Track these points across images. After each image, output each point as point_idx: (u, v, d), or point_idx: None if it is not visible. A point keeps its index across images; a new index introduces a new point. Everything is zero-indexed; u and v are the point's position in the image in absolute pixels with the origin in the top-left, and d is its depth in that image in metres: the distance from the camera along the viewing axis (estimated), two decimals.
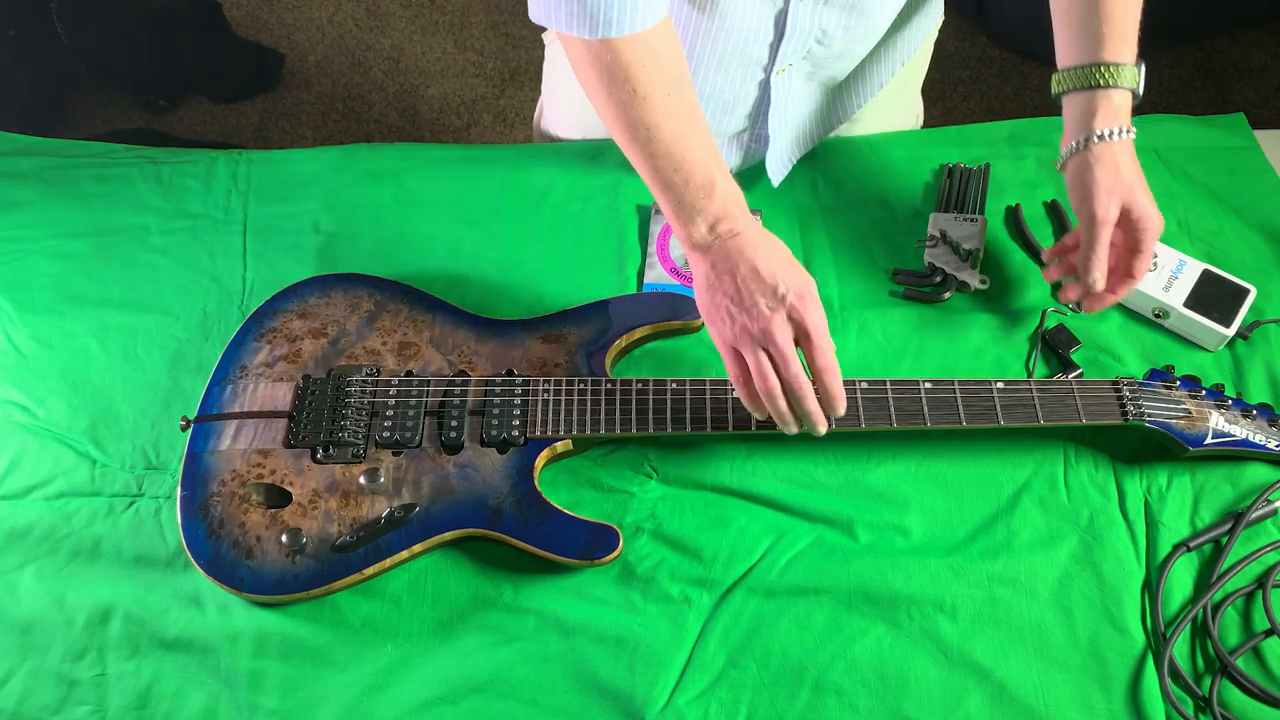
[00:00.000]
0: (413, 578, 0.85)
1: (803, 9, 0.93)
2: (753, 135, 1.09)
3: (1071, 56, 0.92)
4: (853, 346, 0.98)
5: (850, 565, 0.85)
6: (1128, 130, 0.89)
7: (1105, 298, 0.92)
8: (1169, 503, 0.88)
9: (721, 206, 0.82)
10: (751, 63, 0.99)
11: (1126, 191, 0.89)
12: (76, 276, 1.03)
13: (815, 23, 0.95)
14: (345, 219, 1.08)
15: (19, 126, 1.18)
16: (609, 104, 0.83)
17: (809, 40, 0.97)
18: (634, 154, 0.84)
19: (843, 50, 1.01)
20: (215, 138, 2.29)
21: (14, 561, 0.86)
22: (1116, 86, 0.89)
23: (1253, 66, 2.31)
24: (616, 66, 0.80)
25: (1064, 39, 0.93)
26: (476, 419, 0.87)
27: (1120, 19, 0.89)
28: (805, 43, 0.98)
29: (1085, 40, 0.90)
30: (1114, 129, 0.89)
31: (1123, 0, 0.89)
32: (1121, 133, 0.89)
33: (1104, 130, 0.89)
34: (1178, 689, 0.79)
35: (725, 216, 0.82)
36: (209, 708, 0.79)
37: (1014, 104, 2.27)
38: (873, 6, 0.97)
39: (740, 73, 1.00)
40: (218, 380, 0.91)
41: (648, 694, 0.79)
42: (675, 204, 0.83)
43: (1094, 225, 0.89)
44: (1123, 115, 0.90)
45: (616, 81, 0.81)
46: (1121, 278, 0.92)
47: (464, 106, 2.35)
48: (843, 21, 0.97)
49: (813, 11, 0.94)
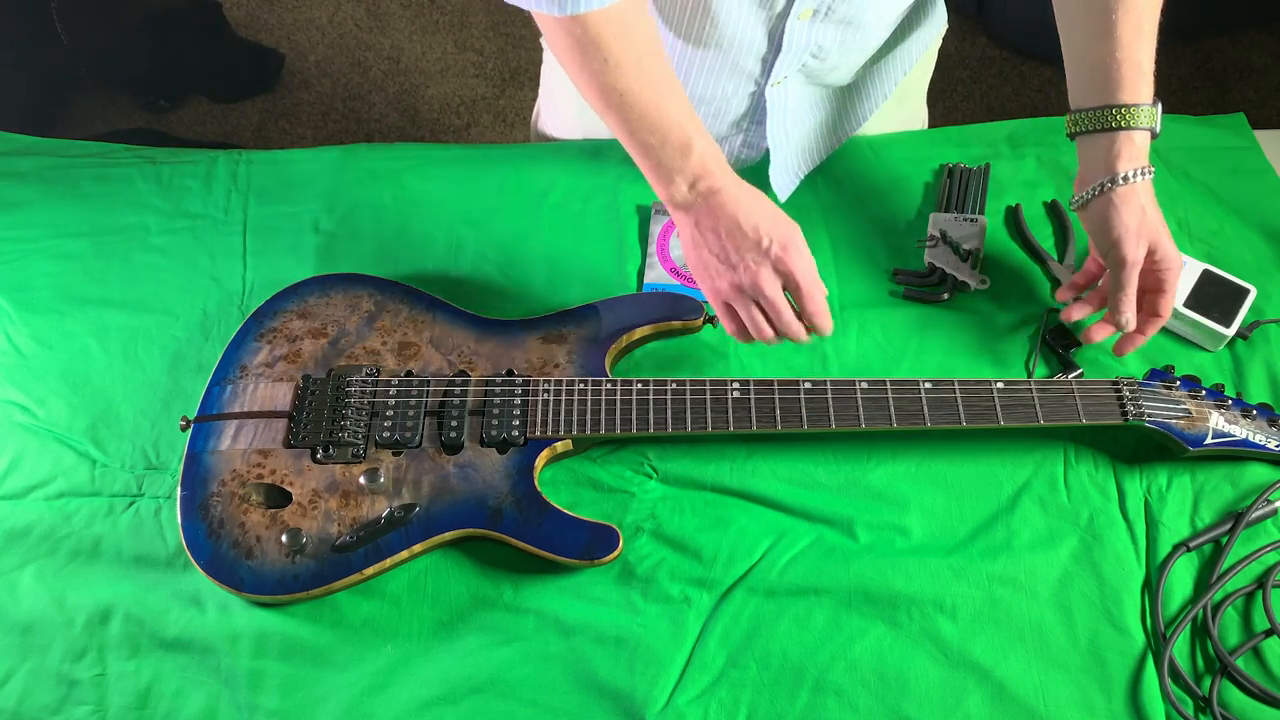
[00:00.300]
0: (413, 578, 0.85)
1: (799, 25, 0.93)
2: (745, 143, 1.09)
3: (1087, 97, 0.91)
4: (853, 346, 0.98)
5: (850, 565, 0.85)
6: (1148, 170, 0.89)
7: (1135, 338, 0.92)
8: (1169, 503, 0.88)
9: (700, 164, 0.84)
10: (743, 75, 0.99)
11: (1152, 233, 0.89)
12: (76, 276, 1.03)
13: (811, 38, 0.95)
14: (345, 219, 1.08)
15: (19, 126, 1.18)
16: (582, 74, 0.84)
17: (804, 55, 0.98)
18: (610, 120, 0.86)
19: (837, 64, 1.02)
20: (215, 138, 2.29)
21: (14, 561, 0.86)
22: (1136, 128, 0.88)
23: (1253, 66, 2.31)
24: (587, 39, 0.81)
25: (1078, 78, 0.92)
26: (476, 419, 0.87)
27: (1135, 57, 0.88)
28: (801, 57, 0.98)
29: (1101, 81, 0.89)
30: (1136, 170, 0.88)
31: (1136, 36, 0.87)
32: (1143, 173, 0.89)
33: (1127, 172, 0.88)
34: (1178, 689, 0.79)
35: (704, 174, 0.84)
36: (209, 708, 0.79)
37: (1014, 104, 2.27)
38: (869, 21, 0.97)
39: (731, 83, 1.00)
40: (218, 380, 0.91)
41: (648, 694, 0.79)
42: (654, 166, 0.85)
43: (1124, 268, 0.89)
44: (1143, 155, 0.89)
45: (588, 52, 0.82)
46: (1148, 317, 0.91)
47: (464, 106, 2.35)
48: (839, 37, 0.97)
49: (809, 28, 0.94)
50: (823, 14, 0.93)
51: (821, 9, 0.92)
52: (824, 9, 0.92)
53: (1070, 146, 0.95)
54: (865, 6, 0.94)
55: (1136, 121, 0.88)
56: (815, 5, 0.91)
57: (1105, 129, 0.89)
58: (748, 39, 0.94)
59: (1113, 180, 0.88)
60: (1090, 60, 0.90)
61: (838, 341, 0.98)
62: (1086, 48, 0.90)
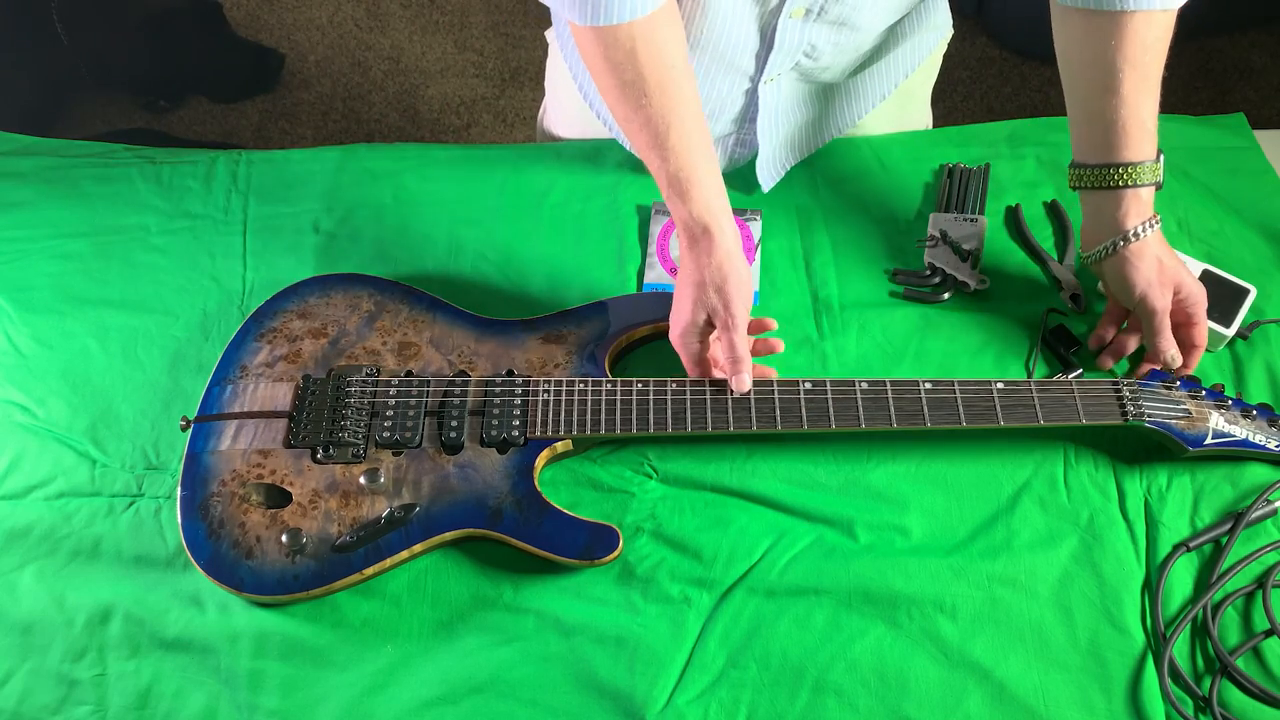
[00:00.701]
0: (413, 578, 0.85)
1: (791, 24, 0.93)
2: (738, 140, 1.09)
3: (1091, 153, 0.91)
4: (853, 346, 0.98)
5: (850, 565, 0.85)
6: (1155, 220, 0.90)
7: (1181, 371, 0.93)
8: (1169, 503, 0.88)
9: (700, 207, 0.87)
10: (738, 72, 0.99)
11: (1173, 277, 0.90)
12: (76, 276, 1.03)
13: (804, 37, 0.96)
14: (345, 219, 1.08)
15: (19, 126, 1.18)
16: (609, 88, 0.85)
17: (797, 54, 0.98)
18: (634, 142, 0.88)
19: (831, 63, 1.02)
20: (215, 138, 2.29)
21: (14, 561, 0.86)
22: (1140, 185, 0.89)
23: (1253, 66, 2.31)
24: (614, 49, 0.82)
25: (1081, 134, 0.93)
26: (476, 419, 0.87)
27: (1140, 115, 0.88)
28: (793, 56, 0.98)
29: (1104, 138, 0.89)
30: (1144, 225, 0.89)
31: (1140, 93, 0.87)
32: (1151, 224, 0.90)
33: (1136, 229, 0.89)
34: (1178, 689, 0.79)
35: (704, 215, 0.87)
36: (209, 708, 0.79)
37: (1014, 104, 2.27)
38: (862, 22, 0.97)
39: (727, 81, 1.00)
40: (218, 380, 0.91)
41: (648, 694, 0.79)
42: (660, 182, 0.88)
43: (1155, 317, 0.90)
44: (1148, 207, 0.90)
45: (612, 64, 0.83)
46: (1188, 349, 0.93)
47: (464, 106, 2.34)
48: (832, 37, 0.97)
49: (801, 27, 0.94)
50: (815, 13, 0.93)
51: (814, 8, 0.92)
52: (817, 8, 0.92)
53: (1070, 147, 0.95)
54: (859, 8, 0.94)
55: (1140, 179, 0.89)
56: (808, 4, 0.91)
57: (1109, 186, 0.90)
58: (740, 35, 0.94)
59: (1124, 238, 0.90)
60: (1094, 117, 0.90)
61: (838, 341, 0.98)
62: (1090, 104, 0.90)
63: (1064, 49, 0.92)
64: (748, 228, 1.05)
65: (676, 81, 0.85)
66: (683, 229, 0.87)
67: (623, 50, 0.82)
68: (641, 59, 0.82)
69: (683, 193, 0.86)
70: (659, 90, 0.84)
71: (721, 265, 0.85)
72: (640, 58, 0.82)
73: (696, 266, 0.86)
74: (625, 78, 0.83)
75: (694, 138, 0.86)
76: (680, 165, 0.85)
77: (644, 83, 0.83)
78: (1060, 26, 0.91)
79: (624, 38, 0.81)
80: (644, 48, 0.82)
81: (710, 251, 0.85)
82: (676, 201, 0.87)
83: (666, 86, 0.84)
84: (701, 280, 0.85)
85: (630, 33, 0.81)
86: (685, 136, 0.85)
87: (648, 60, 0.83)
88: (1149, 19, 0.86)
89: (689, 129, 0.85)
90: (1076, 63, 0.91)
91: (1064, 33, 0.91)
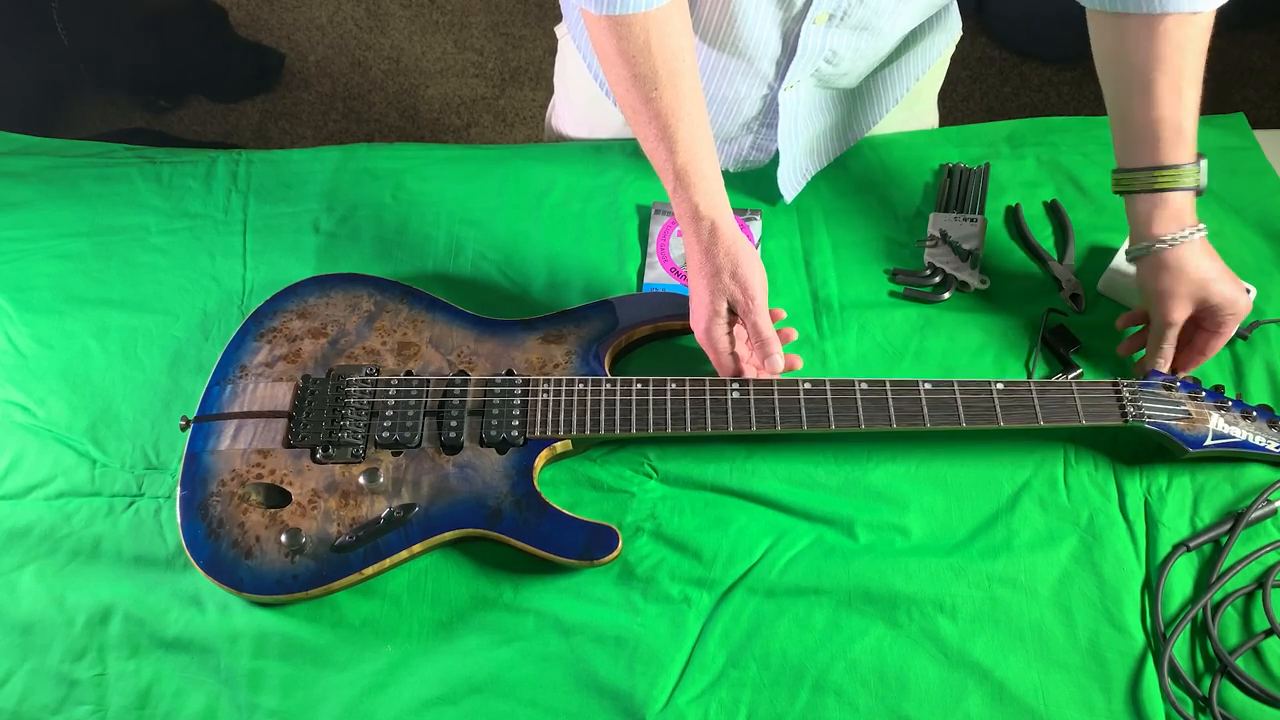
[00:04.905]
0: (413, 578, 0.85)
1: (814, 30, 0.93)
2: (753, 145, 1.09)
3: (1128, 158, 0.90)
4: (853, 346, 0.98)
5: (850, 565, 0.85)
6: (1196, 229, 0.88)
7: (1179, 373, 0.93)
8: (1169, 503, 0.88)
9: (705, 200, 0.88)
10: (757, 76, 0.99)
11: (1197, 291, 0.88)
12: (76, 276, 1.03)
13: (826, 43, 0.96)
14: (345, 219, 1.08)
15: (19, 126, 1.18)
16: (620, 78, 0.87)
17: (818, 60, 0.98)
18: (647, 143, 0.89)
19: (850, 69, 1.02)
20: (215, 138, 2.29)
21: (14, 561, 0.86)
22: (1175, 189, 0.88)
23: (1253, 66, 2.31)
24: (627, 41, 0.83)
25: (1119, 139, 0.92)
26: (476, 419, 0.87)
27: (1174, 117, 0.87)
28: (814, 62, 0.98)
29: (1138, 142, 0.89)
30: (1178, 233, 0.88)
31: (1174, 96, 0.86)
32: (1188, 233, 0.88)
33: (1168, 236, 0.88)
34: (1178, 689, 0.79)
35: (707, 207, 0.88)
36: (209, 708, 0.79)
37: (1014, 104, 2.27)
38: (883, 27, 0.97)
39: (745, 83, 1.00)
40: (217, 380, 0.91)
41: (648, 694, 0.79)
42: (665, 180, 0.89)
43: (1164, 327, 0.90)
44: (1186, 215, 0.88)
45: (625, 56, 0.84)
46: (1194, 355, 0.92)
47: (464, 106, 2.34)
48: (853, 43, 0.97)
49: (824, 33, 0.94)
50: (838, 19, 0.93)
51: (838, 14, 0.92)
52: (840, 14, 0.92)
53: (1070, 146, 0.95)
54: (880, 13, 0.94)
55: (1180, 182, 0.87)
56: (832, 9, 0.91)
57: (1144, 190, 0.89)
58: (763, 40, 0.94)
59: (1150, 244, 0.89)
60: (1129, 120, 0.90)
61: (838, 341, 0.98)
62: (1125, 108, 0.90)
63: (1099, 53, 0.92)
64: (748, 228, 1.05)
65: (686, 75, 0.86)
66: (689, 221, 0.88)
67: (637, 42, 0.83)
68: (655, 51, 0.84)
69: (690, 185, 0.87)
70: (670, 83, 0.85)
71: (731, 251, 0.86)
72: (654, 50, 0.84)
73: (708, 257, 0.87)
74: (638, 70, 0.85)
75: (700, 132, 0.87)
76: (689, 159, 0.87)
77: (656, 75, 0.84)
78: (1094, 31, 0.91)
79: (639, 29, 0.83)
80: (658, 40, 0.83)
81: (719, 240, 0.87)
82: (683, 194, 0.87)
83: (677, 80, 0.85)
84: (716, 269, 0.86)
85: (645, 24, 0.83)
86: (693, 131, 0.86)
87: (661, 53, 0.84)
88: (1180, 20, 0.85)
89: (696, 124, 0.87)
90: (1112, 67, 0.90)
91: (1098, 38, 0.91)
